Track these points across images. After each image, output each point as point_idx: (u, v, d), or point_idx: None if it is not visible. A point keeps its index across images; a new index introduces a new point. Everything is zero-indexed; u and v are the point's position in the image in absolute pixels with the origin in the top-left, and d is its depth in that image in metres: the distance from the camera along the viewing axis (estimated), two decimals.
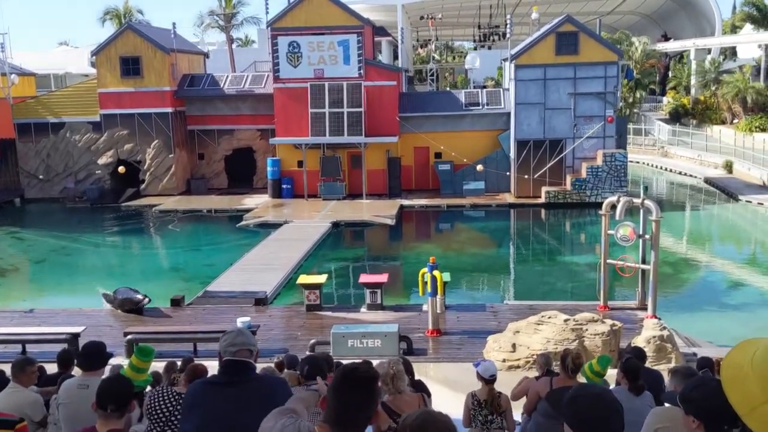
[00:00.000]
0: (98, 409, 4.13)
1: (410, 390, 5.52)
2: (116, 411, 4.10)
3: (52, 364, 8.97)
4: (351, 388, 2.78)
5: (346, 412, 2.77)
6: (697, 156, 42.17)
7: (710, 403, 3.01)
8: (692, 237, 29.40)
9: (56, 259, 26.26)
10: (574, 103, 32.23)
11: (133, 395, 4.26)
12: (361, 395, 2.79)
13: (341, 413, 2.77)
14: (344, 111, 33.20)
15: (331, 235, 27.30)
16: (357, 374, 2.82)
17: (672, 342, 12.98)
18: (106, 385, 4.25)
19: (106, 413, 4.08)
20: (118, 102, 35.52)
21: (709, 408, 3.00)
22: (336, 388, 2.81)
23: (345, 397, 2.78)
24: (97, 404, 4.13)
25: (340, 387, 2.81)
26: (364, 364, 2.89)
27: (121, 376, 4.68)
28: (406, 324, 15.40)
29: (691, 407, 3.03)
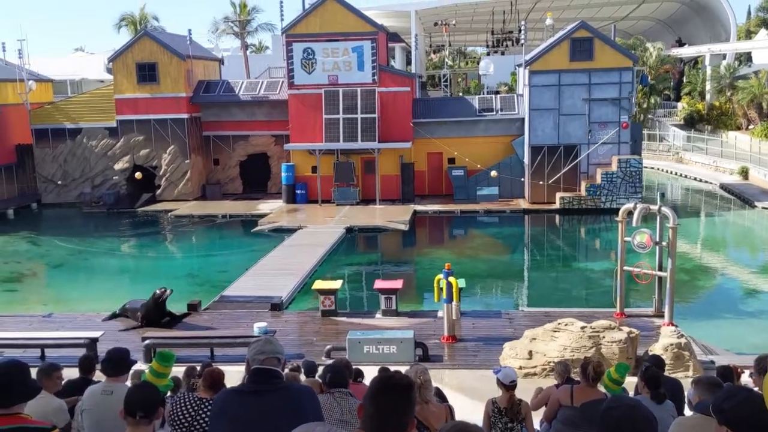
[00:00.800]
0: (127, 416, 4.16)
1: (437, 400, 5.53)
2: (145, 418, 4.14)
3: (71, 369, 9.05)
4: (389, 396, 2.81)
5: (384, 420, 2.79)
6: (712, 162, 41.91)
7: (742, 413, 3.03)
8: (708, 244, 29.22)
9: (73, 264, 26.47)
10: (588, 108, 32.16)
11: (161, 402, 4.30)
12: (398, 402, 2.81)
13: (379, 421, 2.79)
14: (358, 117, 33.30)
15: (344, 240, 27.36)
16: (394, 382, 2.85)
17: (689, 350, 12.92)
18: (134, 392, 4.29)
19: (135, 420, 4.13)
20: (134, 108, 35.80)
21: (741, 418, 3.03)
22: (374, 396, 2.84)
23: (383, 404, 2.80)
24: (126, 412, 4.17)
25: (377, 395, 2.83)
26: (400, 373, 2.91)
27: (147, 383, 4.73)
28: (422, 330, 15.41)
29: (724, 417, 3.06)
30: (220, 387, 6.00)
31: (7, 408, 4.17)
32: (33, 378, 4.54)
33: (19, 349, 14.72)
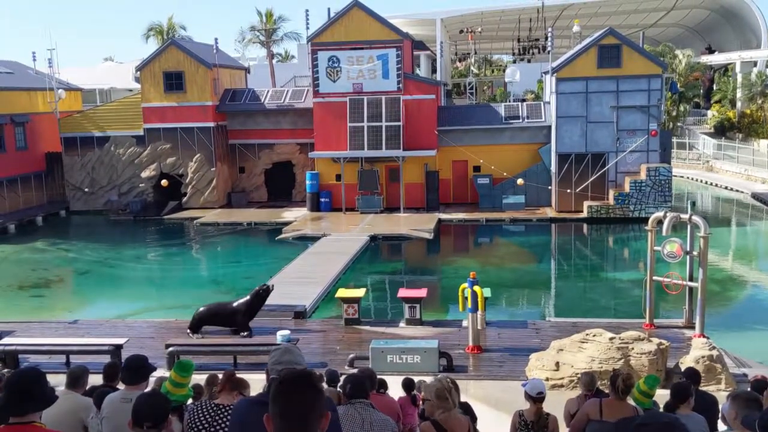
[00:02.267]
0: (135, 427, 4.08)
1: (460, 412, 5.37)
2: (153, 428, 4.05)
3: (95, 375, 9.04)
4: (289, 392, 2.59)
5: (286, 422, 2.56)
6: (743, 170, 41.16)
7: None
8: (739, 254, 28.61)
9: (100, 271, 26.69)
10: (616, 116, 31.78)
11: (168, 412, 4.20)
12: (301, 397, 2.59)
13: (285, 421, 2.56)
14: (383, 125, 33.24)
15: (368, 248, 27.25)
16: (292, 376, 2.63)
17: (721, 362, 12.57)
18: (141, 402, 4.20)
19: (143, 430, 4.04)
20: (161, 116, 36.13)
21: None
22: (274, 397, 2.60)
23: (285, 403, 2.57)
24: (134, 422, 4.09)
25: (277, 394, 2.60)
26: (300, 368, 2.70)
27: (157, 393, 4.63)
28: (446, 340, 15.21)
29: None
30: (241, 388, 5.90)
31: (22, 416, 4.10)
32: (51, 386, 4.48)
33: (44, 355, 14.82)
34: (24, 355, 14.67)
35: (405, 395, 9.46)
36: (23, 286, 24.64)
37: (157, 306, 21.47)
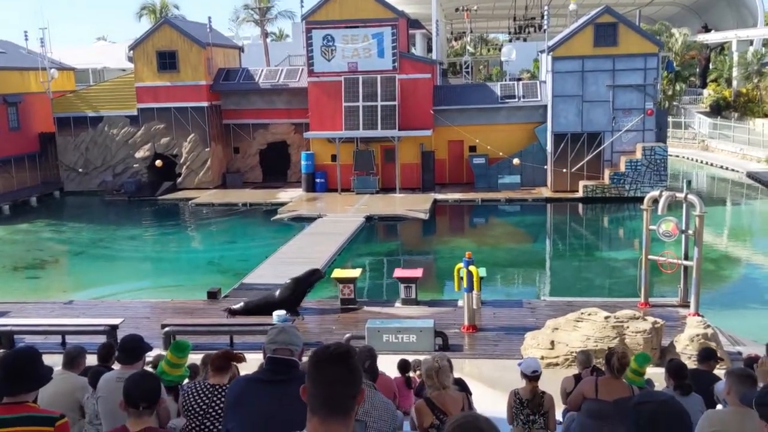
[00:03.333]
0: (128, 408, 4.07)
1: (455, 388, 5.37)
2: (147, 408, 4.04)
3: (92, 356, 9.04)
4: (326, 369, 2.58)
5: (327, 394, 2.56)
6: (739, 150, 41.15)
7: None
8: (734, 232, 28.69)
9: (95, 252, 26.64)
10: (612, 95, 31.66)
11: (160, 392, 4.18)
12: (338, 374, 2.58)
13: (322, 398, 2.56)
14: (378, 104, 33.07)
15: (364, 229, 27.23)
16: (329, 353, 2.62)
17: (716, 340, 12.62)
18: (132, 382, 4.18)
19: (137, 411, 4.03)
20: (154, 96, 35.87)
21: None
22: (311, 373, 2.60)
23: (322, 379, 2.57)
24: (126, 402, 4.07)
25: (314, 370, 2.59)
26: (337, 343, 2.68)
27: (148, 373, 4.62)
28: (442, 319, 15.24)
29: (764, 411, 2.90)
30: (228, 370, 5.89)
31: (15, 396, 4.09)
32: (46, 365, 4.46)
33: (40, 335, 14.82)
34: (19, 336, 14.66)
35: (400, 377, 9.48)
36: (18, 267, 24.59)
37: (153, 286, 21.47)
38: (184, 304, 17.69)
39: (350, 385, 2.60)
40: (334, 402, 2.57)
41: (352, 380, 2.61)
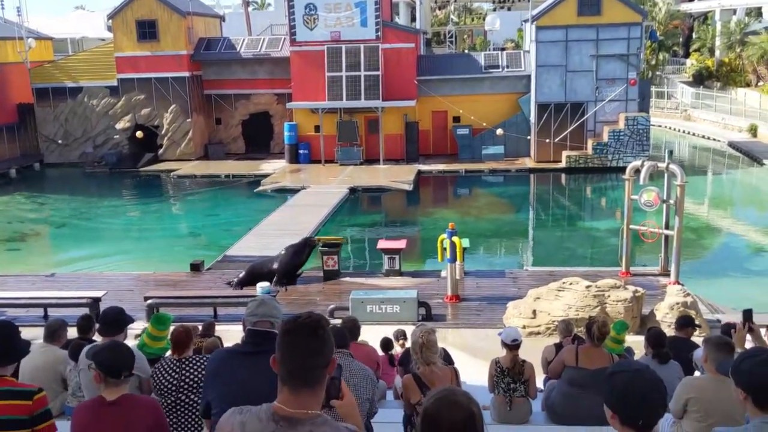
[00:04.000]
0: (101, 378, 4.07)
1: (442, 363, 5.39)
2: (117, 378, 4.04)
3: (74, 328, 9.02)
4: (296, 340, 2.57)
5: (297, 365, 2.55)
6: (720, 119, 41.37)
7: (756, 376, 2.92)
8: (715, 202, 28.97)
9: (76, 224, 26.43)
10: (596, 65, 31.61)
11: (131, 363, 4.17)
12: (308, 344, 2.56)
13: (292, 368, 2.56)
14: (361, 74, 32.82)
15: (348, 200, 27.19)
16: (299, 323, 2.60)
17: (695, 308, 12.78)
18: (103, 353, 4.18)
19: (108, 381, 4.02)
20: (134, 66, 35.36)
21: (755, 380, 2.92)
22: (281, 343, 2.59)
23: (292, 350, 2.56)
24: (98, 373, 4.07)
25: (284, 338, 2.58)
26: (307, 313, 2.68)
27: (119, 344, 4.60)
28: (425, 290, 15.32)
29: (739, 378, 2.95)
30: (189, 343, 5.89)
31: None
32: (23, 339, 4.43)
33: (22, 308, 14.72)
34: (0, 309, 14.56)
35: (383, 355, 9.54)
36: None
37: (136, 259, 21.37)
38: (167, 276, 17.64)
39: (320, 356, 2.58)
40: (304, 372, 2.56)
41: (322, 350, 2.58)
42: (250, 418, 2.59)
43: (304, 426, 2.49)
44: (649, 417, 2.68)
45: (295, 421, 2.50)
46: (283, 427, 2.49)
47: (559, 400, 6.77)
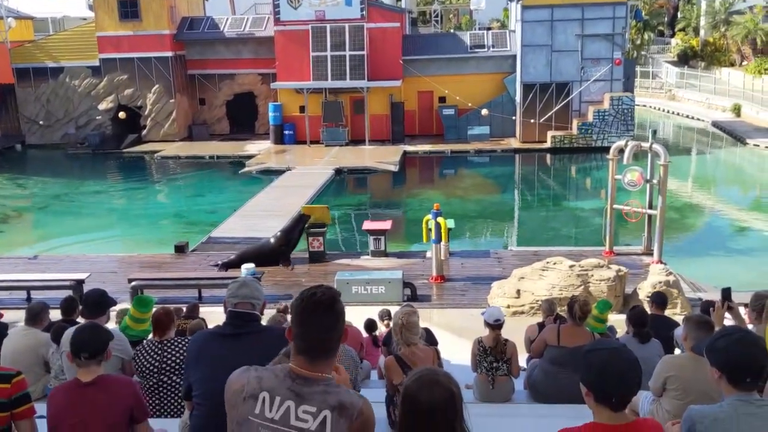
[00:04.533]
0: (74, 359, 4.05)
1: (423, 344, 5.41)
2: (90, 359, 4.02)
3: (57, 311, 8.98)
4: (314, 313, 2.68)
5: (314, 338, 2.68)
6: (705, 99, 41.54)
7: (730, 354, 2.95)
8: (698, 181, 29.17)
9: (59, 206, 26.21)
10: (581, 45, 31.57)
11: (107, 344, 4.15)
12: (324, 318, 2.69)
13: (309, 340, 2.68)
14: (346, 54, 32.61)
15: (333, 181, 27.13)
16: (317, 298, 2.70)
17: (678, 287, 12.90)
18: (76, 335, 4.16)
19: (80, 362, 4.01)
20: (117, 46, 34.93)
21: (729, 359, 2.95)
22: (299, 316, 2.70)
23: (309, 322, 2.67)
24: (71, 353, 4.06)
25: (302, 314, 2.70)
26: (323, 287, 2.78)
27: (93, 325, 4.58)
28: (410, 271, 15.35)
29: (713, 357, 2.98)
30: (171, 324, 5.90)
31: None
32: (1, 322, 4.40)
33: (4, 291, 14.61)
34: None
35: (367, 336, 9.58)
36: None
37: (119, 240, 21.26)
38: (151, 258, 17.56)
39: (336, 329, 2.72)
40: (322, 345, 2.69)
41: (337, 324, 2.73)
42: (266, 374, 2.73)
43: (318, 386, 2.64)
44: (623, 395, 2.71)
45: (311, 381, 2.65)
46: (299, 384, 2.64)
47: (540, 378, 6.83)
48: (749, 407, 2.94)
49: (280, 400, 2.62)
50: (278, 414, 2.61)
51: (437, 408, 2.58)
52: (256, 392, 2.67)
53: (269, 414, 2.62)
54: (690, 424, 2.98)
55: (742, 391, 2.98)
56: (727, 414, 2.94)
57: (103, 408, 3.91)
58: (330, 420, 2.57)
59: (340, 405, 2.59)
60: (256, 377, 2.72)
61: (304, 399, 2.60)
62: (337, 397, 2.61)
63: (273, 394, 2.64)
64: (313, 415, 2.58)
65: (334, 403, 2.59)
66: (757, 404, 2.95)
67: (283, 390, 2.63)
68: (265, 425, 2.62)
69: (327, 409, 2.58)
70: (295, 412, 2.59)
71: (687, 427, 2.99)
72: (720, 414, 2.95)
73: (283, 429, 2.59)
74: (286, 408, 2.60)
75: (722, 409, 2.97)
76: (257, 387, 2.68)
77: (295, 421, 2.58)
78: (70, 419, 3.90)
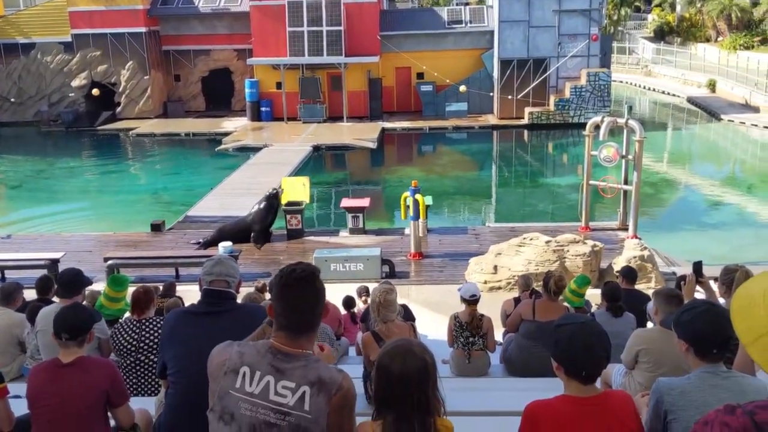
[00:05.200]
0: (56, 339, 4.04)
1: (400, 320, 5.45)
2: (71, 340, 4.01)
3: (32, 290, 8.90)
4: (294, 289, 2.71)
5: (295, 315, 2.70)
6: (680, 75, 41.82)
7: (696, 327, 3.01)
8: (673, 157, 29.44)
9: (32, 184, 25.85)
10: (558, 20, 31.55)
11: (90, 325, 4.14)
12: (305, 294, 2.71)
13: (290, 316, 2.70)
14: (323, 30, 32.30)
15: (311, 159, 27.02)
16: (297, 275, 2.72)
17: (652, 262, 13.10)
18: (60, 315, 4.15)
19: (62, 342, 4.00)
20: (89, 21, 34.29)
21: (696, 331, 3.01)
22: (279, 293, 2.73)
23: (290, 299, 2.70)
24: (54, 334, 4.05)
25: (282, 291, 2.72)
26: (303, 264, 2.81)
27: (78, 305, 4.57)
28: (389, 247, 15.41)
29: (680, 330, 3.04)
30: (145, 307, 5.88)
31: None
32: None
33: None
34: None
35: (345, 313, 9.62)
36: None
37: (95, 219, 21.04)
38: (127, 236, 17.43)
39: (317, 305, 2.76)
40: (303, 320, 2.72)
41: (318, 300, 2.76)
42: (248, 350, 2.74)
43: (299, 361, 2.66)
44: (592, 368, 2.76)
45: (292, 357, 2.67)
46: (280, 360, 2.66)
47: (515, 352, 6.92)
48: (715, 378, 3.01)
49: (260, 374, 2.64)
50: (258, 388, 2.63)
51: (410, 377, 2.63)
52: (237, 366, 2.68)
53: (249, 388, 2.64)
54: (658, 396, 3.03)
55: (708, 363, 3.04)
56: (694, 385, 3.00)
57: (81, 389, 3.91)
58: (309, 395, 2.59)
59: (319, 380, 2.62)
60: (238, 352, 2.73)
61: (284, 374, 2.63)
62: (316, 373, 2.63)
63: (253, 368, 2.66)
64: (292, 390, 2.61)
65: (314, 378, 2.62)
66: (723, 375, 3.02)
67: (264, 365, 2.66)
68: (244, 399, 2.64)
69: (306, 384, 2.61)
70: (275, 387, 2.62)
71: (655, 398, 3.05)
72: (687, 386, 3.01)
73: (262, 403, 2.61)
74: (266, 383, 2.63)
75: (689, 381, 3.03)
76: (238, 361, 2.69)
77: (274, 396, 2.61)
78: (47, 399, 3.89)
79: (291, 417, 2.59)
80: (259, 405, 2.62)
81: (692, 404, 2.93)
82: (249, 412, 2.62)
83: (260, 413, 2.61)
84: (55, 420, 3.88)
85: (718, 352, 3.01)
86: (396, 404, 2.65)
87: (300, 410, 2.58)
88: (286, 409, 2.59)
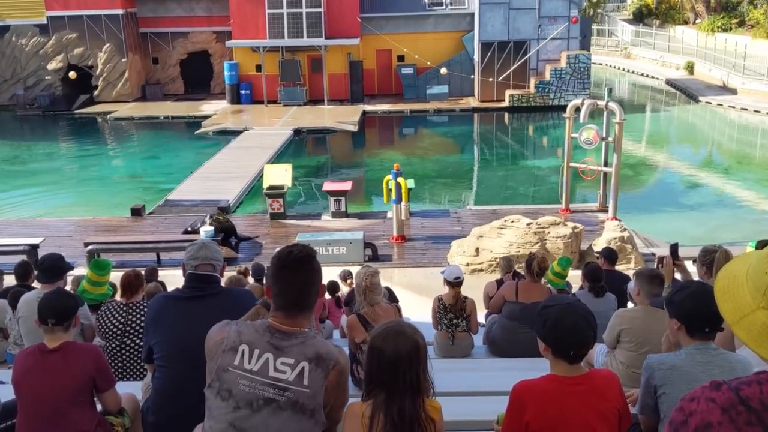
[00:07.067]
0: (41, 325, 4.02)
1: (385, 302, 5.49)
2: (57, 325, 3.99)
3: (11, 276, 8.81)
4: (292, 273, 2.75)
5: (292, 294, 2.75)
6: (659, 57, 42.06)
7: (688, 306, 3.08)
8: (652, 139, 29.67)
9: (9, 169, 25.49)
10: (538, 2, 31.53)
11: (74, 310, 4.12)
12: (302, 274, 2.76)
13: (288, 296, 2.75)
14: (303, 11, 32.05)
15: (292, 142, 26.89)
16: (294, 255, 2.78)
17: (632, 243, 13.24)
18: (46, 300, 4.12)
19: (48, 327, 3.98)
20: (65, 3, 33.72)
21: (687, 310, 3.09)
22: (277, 273, 2.77)
23: (287, 279, 2.75)
24: (39, 319, 4.02)
25: (280, 271, 2.77)
26: (299, 245, 2.85)
27: (62, 291, 4.54)
28: (371, 231, 15.42)
29: (672, 309, 3.11)
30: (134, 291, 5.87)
31: None
32: None
33: None
34: None
35: (329, 297, 9.64)
36: None
37: (74, 204, 20.81)
38: (107, 221, 17.28)
39: (314, 285, 2.81)
40: (300, 300, 2.77)
41: (315, 280, 2.81)
42: (246, 329, 2.77)
43: (297, 338, 2.71)
44: (579, 348, 2.81)
45: (290, 335, 2.71)
46: (278, 338, 2.70)
47: (499, 333, 6.98)
48: (705, 355, 3.11)
49: (259, 352, 2.68)
50: (257, 365, 2.67)
51: (402, 358, 2.68)
52: (235, 345, 2.71)
53: (248, 365, 2.68)
54: (650, 372, 3.14)
55: (699, 340, 3.14)
56: (684, 361, 3.10)
57: (67, 375, 3.90)
58: (307, 370, 2.64)
59: (317, 356, 2.66)
60: (236, 331, 2.76)
61: (283, 351, 2.67)
62: (314, 349, 2.68)
63: (252, 347, 2.70)
64: (291, 366, 2.65)
65: (311, 354, 2.67)
66: (712, 353, 3.12)
67: (263, 343, 2.70)
68: (243, 375, 2.67)
69: (305, 360, 2.66)
70: (274, 364, 2.66)
71: (647, 374, 3.15)
72: (677, 362, 3.11)
73: (262, 380, 2.65)
74: (265, 360, 2.67)
75: (680, 357, 3.13)
76: (237, 340, 2.72)
77: (273, 372, 2.65)
78: (33, 384, 3.88)
79: (290, 392, 2.63)
80: (258, 381, 2.66)
81: (682, 379, 3.03)
82: (248, 389, 2.65)
83: (259, 389, 2.65)
84: (41, 405, 3.87)
85: (709, 331, 3.11)
86: (387, 385, 2.69)
87: (299, 385, 2.63)
88: (285, 384, 2.64)
